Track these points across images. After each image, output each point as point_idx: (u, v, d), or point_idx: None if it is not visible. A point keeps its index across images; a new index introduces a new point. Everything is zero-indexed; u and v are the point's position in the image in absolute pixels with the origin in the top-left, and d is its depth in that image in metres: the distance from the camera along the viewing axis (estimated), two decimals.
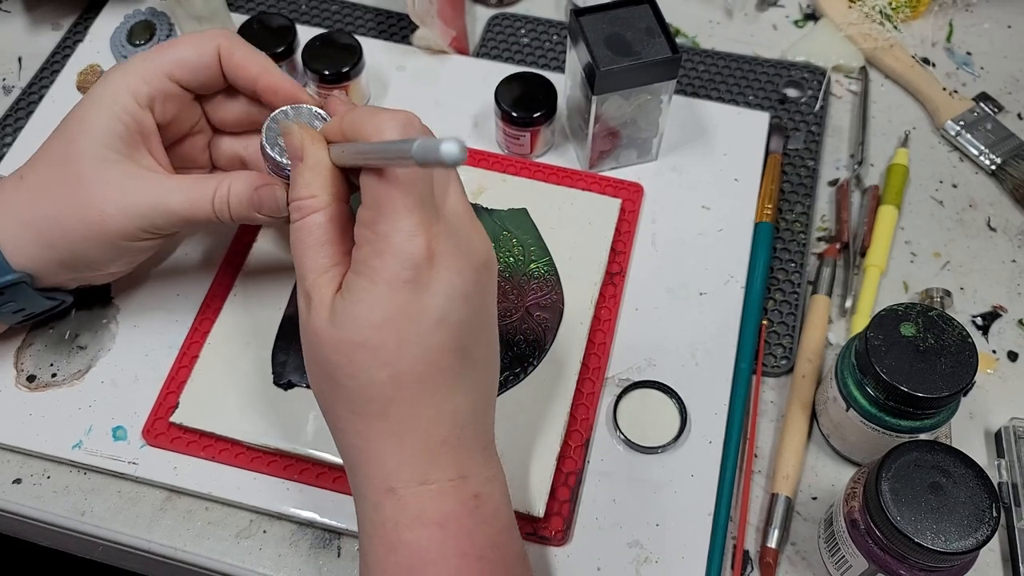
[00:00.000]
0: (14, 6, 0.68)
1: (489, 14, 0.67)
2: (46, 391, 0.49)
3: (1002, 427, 0.49)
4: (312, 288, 0.36)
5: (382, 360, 0.34)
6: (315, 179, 0.36)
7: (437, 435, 0.36)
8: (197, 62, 0.43)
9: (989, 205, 0.58)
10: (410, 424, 0.35)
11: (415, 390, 0.35)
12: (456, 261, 0.35)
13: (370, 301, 0.34)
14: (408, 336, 0.34)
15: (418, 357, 0.34)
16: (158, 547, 0.45)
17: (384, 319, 0.34)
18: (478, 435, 0.37)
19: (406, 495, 0.35)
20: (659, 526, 0.45)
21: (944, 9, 0.67)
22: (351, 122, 0.36)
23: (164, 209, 0.42)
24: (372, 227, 0.34)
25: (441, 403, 0.35)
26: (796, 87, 0.63)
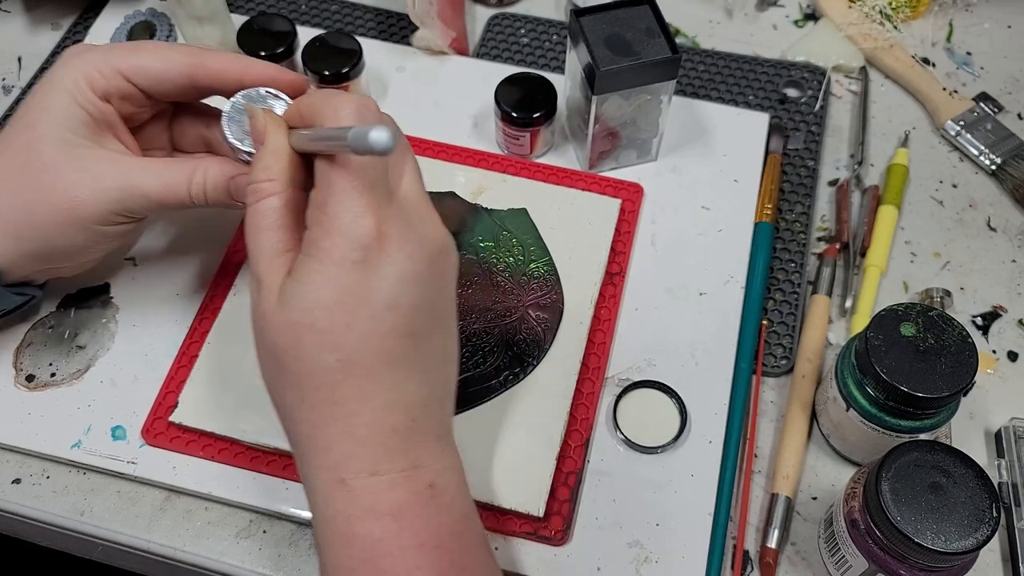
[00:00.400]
0: (14, 6, 0.68)
1: (489, 14, 0.67)
2: (45, 391, 0.49)
3: (1002, 427, 0.49)
4: (264, 272, 0.35)
5: (331, 343, 0.34)
6: (274, 163, 0.37)
7: (388, 424, 0.35)
8: (160, 74, 0.42)
9: (989, 205, 0.58)
10: (359, 411, 0.35)
11: (365, 376, 0.34)
12: (408, 245, 0.34)
13: (319, 283, 0.34)
14: (358, 319, 0.34)
15: (367, 341, 0.34)
16: (158, 547, 0.45)
17: (333, 301, 0.33)
18: (432, 425, 0.37)
19: (357, 486, 0.35)
20: (659, 526, 0.45)
21: (944, 9, 0.67)
22: (309, 105, 0.37)
23: (137, 192, 0.41)
24: (322, 208, 0.34)
25: (392, 391, 0.35)
26: (796, 87, 0.63)
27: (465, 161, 0.56)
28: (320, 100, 0.36)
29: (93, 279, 0.52)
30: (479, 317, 0.49)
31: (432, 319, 0.36)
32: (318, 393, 0.35)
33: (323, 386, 0.34)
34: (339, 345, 0.34)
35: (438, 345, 0.37)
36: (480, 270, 0.51)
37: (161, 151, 0.47)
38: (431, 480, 0.36)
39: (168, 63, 0.42)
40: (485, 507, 0.44)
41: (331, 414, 0.35)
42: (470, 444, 0.46)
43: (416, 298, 0.35)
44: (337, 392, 0.34)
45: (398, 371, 0.35)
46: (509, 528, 0.44)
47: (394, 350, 0.35)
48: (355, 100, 0.35)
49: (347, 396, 0.34)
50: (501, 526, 0.44)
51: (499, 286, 0.51)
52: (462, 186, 0.55)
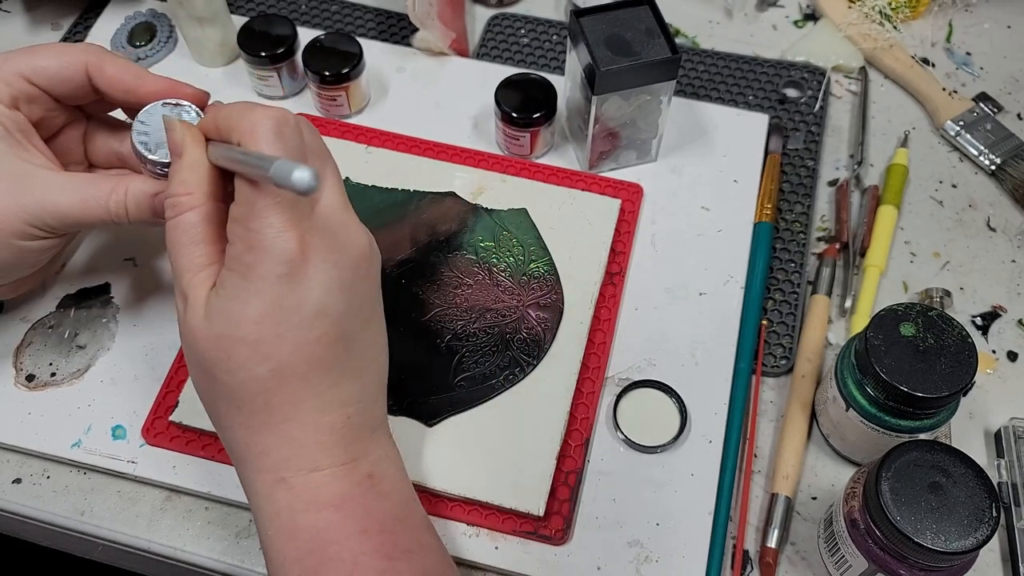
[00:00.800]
0: (14, 6, 0.68)
1: (489, 14, 0.67)
2: (45, 390, 0.49)
3: (1002, 427, 0.49)
4: (188, 287, 0.36)
5: (262, 354, 0.34)
6: (191, 177, 0.37)
7: (324, 423, 0.36)
8: (58, 74, 0.42)
9: (989, 205, 0.58)
10: (295, 415, 0.36)
11: (298, 382, 0.35)
12: (332, 254, 0.35)
13: (245, 297, 0.34)
14: (287, 329, 0.34)
15: (299, 349, 0.35)
16: (158, 547, 0.45)
17: (261, 314, 0.34)
18: (367, 418, 0.38)
19: (298, 483, 0.36)
20: (659, 526, 0.45)
21: (944, 9, 0.67)
22: (226, 118, 0.36)
23: (54, 209, 0.41)
24: (244, 224, 0.34)
25: (325, 392, 0.36)
26: (796, 87, 0.63)
27: (465, 161, 0.56)
28: (237, 113, 0.36)
29: (93, 279, 0.52)
30: (479, 317, 0.50)
31: (360, 320, 0.37)
32: (252, 402, 0.35)
33: (257, 395, 0.35)
34: (270, 355, 0.35)
35: (367, 344, 0.38)
36: (480, 270, 0.51)
37: (79, 166, 0.47)
38: (370, 470, 0.37)
39: (63, 60, 0.42)
40: (485, 507, 0.44)
41: (267, 421, 0.36)
42: (470, 443, 0.46)
43: (343, 304, 0.36)
44: (272, 399, 0.35)
45: (330, 374, 0.36)
46: (509, 528, 0.44)
47: (325, 355, 0.36)
48: (273, 116, 0.35)
49: (282, 402, 0.35)
50: (501, 526, 0.44)
51: (499, 286, 0.51)
52: (462, 186, 0.55)
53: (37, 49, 0.43)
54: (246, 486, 0.37)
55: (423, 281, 0.51)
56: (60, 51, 0.42)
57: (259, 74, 0.59)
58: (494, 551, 0.44)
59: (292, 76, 0.60)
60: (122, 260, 0.53)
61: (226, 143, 0.36)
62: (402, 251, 0.52)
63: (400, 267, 0.51)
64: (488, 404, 0.47)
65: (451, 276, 0.51)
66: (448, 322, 0.49)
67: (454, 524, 0.45)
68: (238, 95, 0.61)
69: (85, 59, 0.42)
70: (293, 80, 0.60)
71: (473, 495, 0.44)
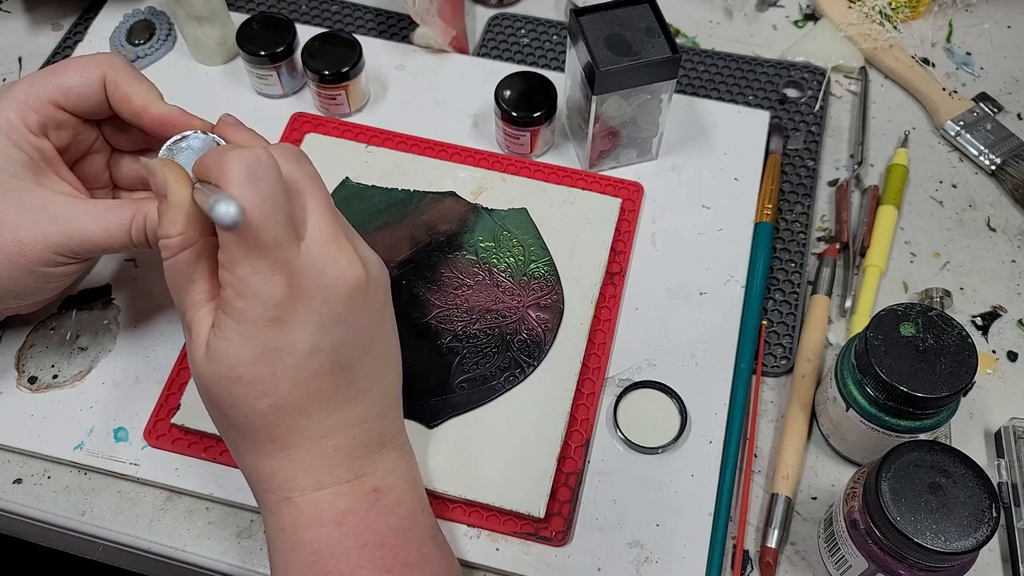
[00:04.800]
0: (14, 6, 0.67)
1: (489, 14, 0.67)
2: (47, 392, 0.49)
3: (1002, 427, 0.49)
4: (191, 323, 0.37)
5: (259, 392, 0.35)
6: (179, 216, 0.36)
7: (327, 446, 0.37)
8: (82, 91, 0.42)
9: (989, 205, 0.58)
10: (298, 441, 0.37)
11: (298, 414, 0.36)
12: (321, 291, 0.35)
13: (239, 341, 0.35)
14: (282, 368, 0.35)
15: (295, 386, 0.35)
16: (158, 547, 0.45)
17: (255, 356, 0.35)
18: (373, 435, 0.38)
19: (302, 501, 0.37)
20: (659, 526, 0.45)
21: (944, 9, 0.67)
22: (202, 163, 0.36)
23: (79, 237, 0.41)
24: (231, 270, 0.34)
25: (326, 419, 0.37)
26: (796, 87, 0.63)
27: (465, 160, 0.56)
28: (213, 156, 0.35)
29: (94, 280, 0.52)
30: (479, 317, 0.50)
31: (359, 347, 0.37)
32: (256, 433, 0.36)
33: (260, 427, 0.36)
34: (267, 393, 0.35)
35: (371, 366, 0.38)
36: (480, 270, 0.51)
37: (104, 190, 0.47)
38: (375, 485, 0.38)
39: (86, 76, 0.42)
40: (485, 508, 0.44)
41: (271, 449, 0.37)
42: (470, 444, 0.46)
43: (338, 337, 0.36)
44: (274, 431, 0.36)
45: (330, 403, 0.37)
46: (509, 529, 0.44)
47: (323, 387, 0.36)
48: (243, 158, 0.34)
49: (284, 433, 0.36)
50: (501, 527, 0.44)
51: (499, 286, 0.51)
52: (462, 186, 0.55)
53: (60, 68, 0.43)
54: (258, 501, 0.38)
55: (423, 281, 0.51)
56: (81, 65, 0.42)
57: (258, 73, 0.59)
58: (495, 552, 0.44)
59: (291, 75, 0.60)
60: (123, 261, 0.53)
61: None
62: (402, 251, 0.52)
63: (400, 267, 0.51)
64: (489, 406, 0.47)
65: (451, 276, 0.51)
66: (448, 323, 0.49)
67: (455, 525, 0.45)
68: (237, 94, 0.61)
69: (103, 71, 0.42)
70: (292, 79, 0.60)
71: (474, 496, 0.44)
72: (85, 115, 0.44)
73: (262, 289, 0.34)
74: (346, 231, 0.38)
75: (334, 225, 0.37)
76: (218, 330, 0.35)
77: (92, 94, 0.43)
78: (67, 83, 0.42)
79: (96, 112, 0.44)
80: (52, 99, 0.42)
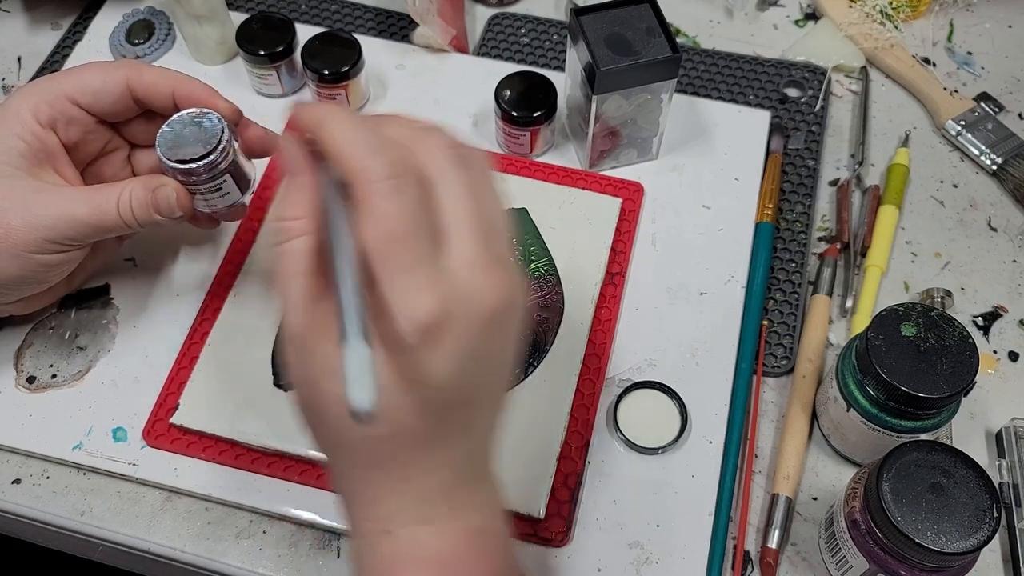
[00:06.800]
0: (13, 5, 0.67)
1: (489, 14, 0.67)
2: (46, 392, 0.49)
3: (1003, 427, 0.49)
4: (300, 326, 0.33)
5: (384, 419, 0.32)
6: (303, 199, 0.33)
7: (434, 480, 0.34)
8: (101, 88, 0.43)
9: (990, 205, 0.58)
10: (409, 476, 0.34)
11: (415, 447, 0.33)
12: (463, 319, 0.31)
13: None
14: (411, 400, 0.32)
15: (420, 418, 0.32)
16: (158, 547, 0.45)
17: (384, 384, 0.31)
18: (478, 469, 0.36)
19: (403, 536, 0.34)
20: (659, 527, 0.45)
21: (945, 9, 0.67)
22: (346, 156, 0.31)
23: (70, 218, 0.42)
24: (370, 287, 0.31)
25: (440, 453, 0.34)
26: (796, 87, 0.63)
27: None
28: (360, 150, 0.31)
29: (93, 280, 0.52)
30: None
31: (488, 380, 0.34)
32: (367, 459, 0.33)
33: (372, 455, 0.33)
34: (391, 422, 0.32)
35: (489, 402, 0.35)
36: None
37: None
38: (479, 525, 0.35)
39: (107, 76, 0.44)
40: None
41: (379, 478, 0.34)
42: None
43: (471, 371, 0.32)
44: (387, 462, 0.33)
45: (449, 436, 0.34)
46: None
47: (446, 420, 0.33)
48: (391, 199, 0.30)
49: (397, 465, 0.33)
50: None
51: None
52: None
53: (82, 68, 0.44)
54: (351, 527, 0.36)
55: None
56: (104, 67, 0.44)
57: (258, 72, 0.59)
58: None
59: (291, 74, 0.60)
60: (122, 261, 0.53)
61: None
62: None
63: None
64: None
65: None
66: None
67: None
68: (237, 94, 0.60)
69: (126, 72, 0.44)
70: (292, 78, 0.60)
71: None
72: (101, 114, 0.45)
73: (405, 312, 0.30)
74: (497, 242, 0.33)
75: (486, 243, 0.32)
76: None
77: (111, 91, 0.43)
78: (87, 80, 0.43)
79: (112, 112, 0.45)
80: (69, 95, 0.43)
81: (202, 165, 0.43)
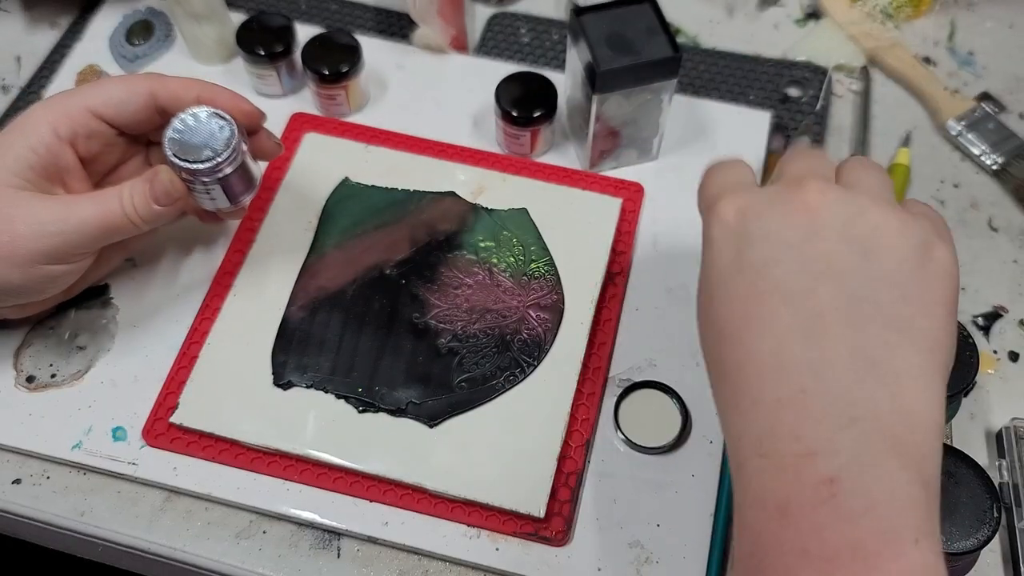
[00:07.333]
0: (12, 5, 0.67)
1: (489, 13, 0.67)
2: (45, 392, 0.49)
3: (1003, 427, 0.48)
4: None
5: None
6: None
7: (769, 392, 0.30)
8: (124, 100, 0.44)
9: (991, 205, 0.58)
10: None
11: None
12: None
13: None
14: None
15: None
16: (158, 547, 0.45)
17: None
18: (836, 400, 0.29)
19: (749, 469, 0.30)
20: (660, 526, 0.45)
21: (946, 8, 0.67)
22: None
23: (78, 221, 0.42)
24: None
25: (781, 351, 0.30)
26: (797, 86, 0.63)
27: (465, 160, 0.56)
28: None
29: None
30: (479, 317, 0.49)
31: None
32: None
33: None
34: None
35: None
36: (480, 270, 0.51)
37: None
38: (831, 474, 0.29)
39: (130, 87, 0.44)
40: (486, 508, 0.44)
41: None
42: (470, 444, 0.46)
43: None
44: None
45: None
46: (510, 529, 0.44)
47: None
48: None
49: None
50: (502, 527, 0.44)
51: (499, 286, 0.51)
52: (462, 186, 0.54)
53: (104, 81, 0.45)
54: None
55: (423, 281, 0.51)
56: (127, 80, 0.45)
57: (257, 72, 0.59)
58: (495, 552, 0.44)
59: (291, 74, 0.60)
60: (122, 261, 0.53)
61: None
62: (402, 251, 0.52)
63: (400, 267, 0.51)
64: (489, 405, 0.47)
65: (451, 276, 0.51)
66: (448, 323, 0.49)
67: (455, 525, 0.44)
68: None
69: (149, 83, 0.44)
70: (292, 78, 0.60)
71: (474, 496, 0.44)
72: (123, 126, 0.45)
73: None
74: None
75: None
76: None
77: (134, 102, 0.44)
78: (110, 92, 0.44)
79: (134, 123, 0.45)
80: (91, 107, 0.43)
81: (206, 168, 0.43)
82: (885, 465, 0.29)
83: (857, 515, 0.28)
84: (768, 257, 0.32)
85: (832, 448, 0.29)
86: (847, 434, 0.29)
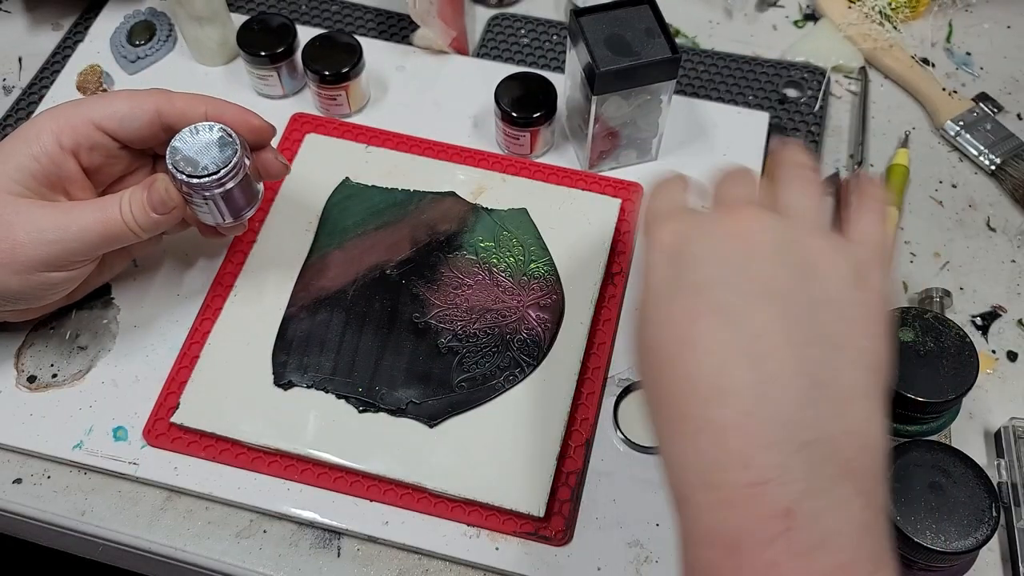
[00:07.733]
0: (14, 6, 0.68)
1: (489, 14, 0.67)
2: (47, 391, 0.49)
3: (1002, 427, 0.49)
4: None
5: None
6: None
7: (714, 415, 0.29)
8: (128, 115, 0.43)
9: (989, 205, 0.58)
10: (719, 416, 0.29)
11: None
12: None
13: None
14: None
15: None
16: (158, 547, 0.45)
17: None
18: (785, 423, 0.28)
19: (694, 503, 0.29)
20: (659, 526, 0.45)
21: (944, 9, 0.67)
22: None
23: (78, 229, 0.42)
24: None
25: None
26: (796, 87, 0.63)
27: (465, 161, 0.56)
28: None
29: None
30: (479, 317, 0.50)
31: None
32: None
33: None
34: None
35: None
36: (480, 270, 0.51)
37: None
38: (787, 505, 0.27)
39: (135, 102, 0.44)
40: (486, 507, 0.44)
41: (682, 428, 0.31)
42: (471, 443, 0.46)
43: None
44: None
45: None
46: (509, 528, 0.44)
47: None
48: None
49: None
50: (502, 526, 0.44)
51: (499, 286, 0.51)
52: (462, 186, 0.55)
53: (111, 94, 0.45)
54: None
55: (423, 281, 0.51)
56: (133, 95, 0.44)
57: (258, 73, 0.59)
58: (495, 552, 0.44)
59: (292, 75, 0.60)
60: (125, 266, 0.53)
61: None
62: (402, 251, 0.52)
63: (400, 267, 0.51)
64: (489, 405, 0.47)
65: (451, 276, 0.51)
66: (448, 322, 0.49)
67: (455, 525, 0.45)
68: (237, 95, 0.61)
69: (156, 100, 0.44)
70: (293, 79, 0.60)
71: (474, 496, 0.44)
72: (127, 141, 0.45)
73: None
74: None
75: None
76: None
77: (138, 118, 0.44)
78: (115, 107, 0.43)
79: (137, 138, 0.45)
80: (95, 120, 0.43)
81: (206, 182, 0.43)
82: (839, 491, 0.28)
83: (813, 548, 0.27)
84: (706, 279, 0.32)
85: (785, 476, 0.27)
86: (798, 459, 0.28)
